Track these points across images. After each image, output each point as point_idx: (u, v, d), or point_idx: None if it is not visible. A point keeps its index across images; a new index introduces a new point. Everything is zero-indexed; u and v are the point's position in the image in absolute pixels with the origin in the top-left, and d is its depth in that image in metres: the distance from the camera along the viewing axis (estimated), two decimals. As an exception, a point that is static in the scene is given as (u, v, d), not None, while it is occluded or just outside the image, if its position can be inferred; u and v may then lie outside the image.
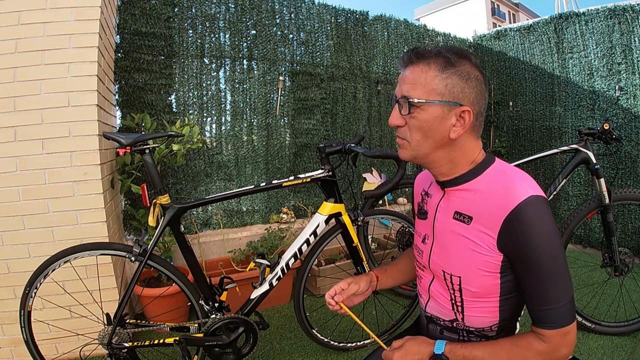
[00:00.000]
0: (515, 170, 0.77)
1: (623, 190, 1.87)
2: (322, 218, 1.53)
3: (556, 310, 0.70)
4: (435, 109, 0.75)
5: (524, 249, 0.70)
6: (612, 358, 1.73)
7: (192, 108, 2.51)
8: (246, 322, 1.45)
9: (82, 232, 1.68)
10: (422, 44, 3.50)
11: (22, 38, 1.58)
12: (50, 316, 1.67)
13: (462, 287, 0.80)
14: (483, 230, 0.74)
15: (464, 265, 0.79)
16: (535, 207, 0.69)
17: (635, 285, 2.20)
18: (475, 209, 0.77)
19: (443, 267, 0.83)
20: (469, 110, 0.75)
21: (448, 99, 0.75)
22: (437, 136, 0.77)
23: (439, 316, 0.89)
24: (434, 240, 0.87)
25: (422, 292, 0.95)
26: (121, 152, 1.37)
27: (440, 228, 0.85)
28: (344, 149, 1.48)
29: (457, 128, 0.76)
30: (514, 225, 0.70)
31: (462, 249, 0.78)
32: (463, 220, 0.79)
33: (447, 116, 0.75)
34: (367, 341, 1.89)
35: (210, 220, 2.61)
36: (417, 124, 0.77)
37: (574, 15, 3.06)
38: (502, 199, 0.72)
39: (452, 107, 0.75)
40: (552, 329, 0.71)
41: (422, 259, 0.91)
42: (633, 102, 2.80)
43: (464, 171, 0.80)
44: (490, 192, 0.75)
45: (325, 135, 2.98)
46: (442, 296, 0.86)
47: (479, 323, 0.82)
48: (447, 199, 0.84)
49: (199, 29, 2.49)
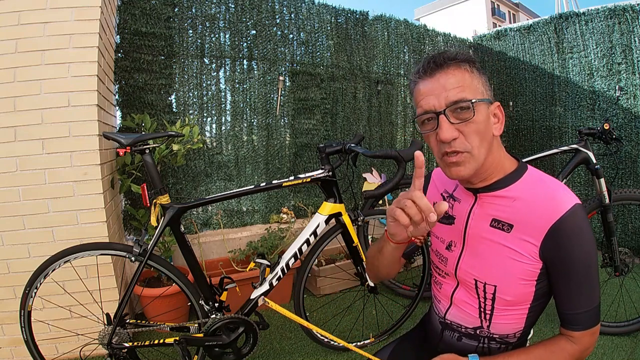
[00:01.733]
0: (552, 178, 0.77)
1: (623, 190, 1.87)
2: (322, 218, 1.53)
3: (588, 313, 0.73)
4: (484, 108, 0.73)
5: (567, 257, 0.70)
6: (612, 358, 1.73)
7: (192, 108, 2.51)
8: (246, 322, 1.45)
9: (82, 232, 1.68)
10: (422, 44, 3.50)
11: (22, 38, 1.58)
12: (50, 316, 1.67)
13: (497, 296, 0.78)
14: (525, 239, 0.73)
15: (502, 274, 0.77)
16: (579, 216, 0.70)
17: (635, 285, 2.20)
18: (516, 217, 0.74)
19: (476, 275, 0.81)
20: (499, 106, 0.75)
21: (487, 96, 0.74)
22: (488, 137, 0.74)
23: (460, 323, 0.87)
24: (464, 248, 0.84)
25: (441, 299, 0.92)
26: (121, 152, 1.37)
27: (473, 236, 0.81)
28: (344, 149, 1.48)
29: (497, 125, 0.75)
30: (559, 234, 0.70)
31: (501, 258, 0.76)
32: (502, 228, 0.76)
33: (489, 114, 0.74)
34: (367, 341, 1.89)
35: (210, 220, 2.61)
36: (475, 128, 0.72)
37: (574, 15, 3.06)
38: (547, 207, 0.71)
39: (488, 105, 0.74)
40: (582, 330, 0.74)
41: (446, 266, 0.88)
42: (633, 102, 2.80)
43: (500, 176, 0.78)
44: (533, 201, 0.73)
45: (325, 135, 2.98)
46: (468, 304, 0.84)
47: (504, 330, 0.82)
48: (480, 205, 0.80)
49: (199, 29, 2.49)
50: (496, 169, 0.78)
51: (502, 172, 0.78)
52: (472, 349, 0.85)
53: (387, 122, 3.34)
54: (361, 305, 2.13)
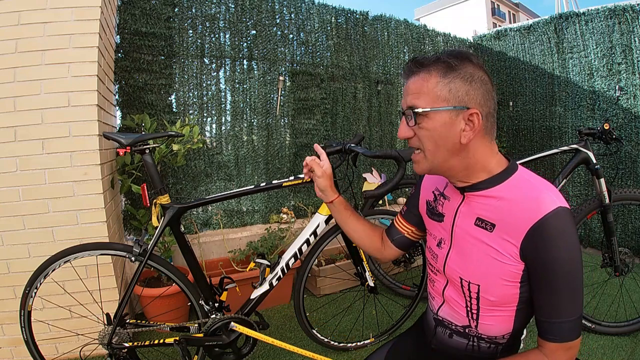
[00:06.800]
0: (541, 179, 0.76)
1: (623, 190, 1.87)
2: (322, 218, 1.53)
3: (566, 324, 0.70)
4: (442, 115, 0.73)
5: (545, 261, 0.69)
6: (612, 358, 1.73)
7: (192, 108, 2.51)
8: (246, 322, 1.45)
9: (82, 232, 1.68)
10: (422, 44, 3.50)
11: (22, 38, 1.58)
12: (50, 316, 1.67)
13: (480, 296, 0.79)
14: (506, 239, 0.73)
15: (484, 274, 0.77)
16: (561, 219, 0.68)
17: (635, 285, 2.20)
18: (499, 216, 0.75)
19: (461, 274, 0.82)
20: (477, 113, 0.73)
21: (454, 104, 0.73)
22: (448, 144, 0.75)
23: (451, 320, 0.88)
24: (451, 245, 0.85)
25: (434, 295, 0.93)
26: (121, 152, 1.37)
27: (459, 233, 0.83)
28: (344, 149, 1.48)
29: (468, 132, 0.74)
30: (538, 235, 0.69)
31: (483, 257, 0.77)
32: (485, 227, 0.77)
33: (455, 122, 0.73)
34: (367, 341, 1.89)
35: (210, 220, 2.61)
36: (426, 133, 0.75)
37: (574, 15, 3.06)
38: (529, 208, 0.70)
39: (459, 112, 0.73)
40: (557, 342, 0.71)
41: (437, 263, 0.89)
42: (633, 102, 2.80)
43: (482, 177, 0.78)
44: (515, 201, 0.73)
45: (325, 135, 2.98)
46: (457, 302, 0.85)
47: (492, 331, 0.81)
48: (467, 203, 0.82)
49: (199, 29, 2.49)
50: (475, 171, 0.78)
51: (486, 173, 0.78)
52: (463, 347, 0.86)
53: (387, 122, 3.34)
54: (361, 305, 2.13)
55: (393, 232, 1.08)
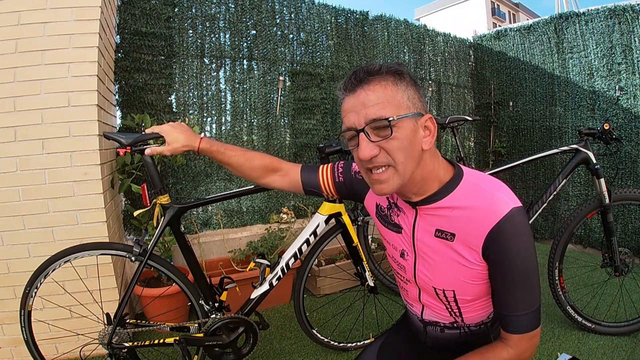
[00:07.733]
0: (490, 181, 0.76)
1: (623, 190, 1.87)
2: (322, 218, 1.53)
3: (526, 316, 0.74)
4: (408, 123, 0.70)
5: (503, 261, 0.72)
6: (612, 358, 1.73)
7: (192, 108, 2.51)
8: (246, 322, 1.45)
9: (82, 232, 1.68)
10: (422, 44, 3.50)
11: (22, 38, 1.58)
12: (50, 316, 1.67)
13: (458, 298, 0.82)
14: (468, 245, 0.75)
15: (455, 280, 0.80)
16: (515, 220, 0.71)
17: (635, 285, 2.20)
18: (456, 225, 0.75)
19: (433, 283, 0.83)
20: (431, 118, 0.74)
21: (413, 110, 0.71)
22: (415, 152, 0.72)
23: (438, 320, 0.90)
24: (416, 258, 0.85)
25: (412, 302, 0.94)
26: (121, 152, 1.37)
27: (422, 247, 0.82)
28: (344, 149, 1.49)
29: (427, 138, 0.73)
30: (496, 239, 0.71)
31: (451, 265, 0.78)
32: (446, 238, 0.77)
33: (417, 128, 0.72)
34: (367, 341, 1.89)
35: (210, 220, 2.61)
36: (397, 144, 0.70)
37: (574, 15, 3.06)
38: (485, 214, 0.72)
39: (417, 119, 0.72)
40: (519, 334, 0.75)
41: (406, 273, 0.89)
42: (633, 102, 2.80)
43: (435, 187, 0.77)
44: (470, 208, 0.74)
45: (325, 135, 2.98)
46: (437, 306, 0.88)
47: (478, 318, 0.86)
48: (422, 217, 0.81)
49: (199, 29, 2.49)
50: (429, 181, 0.77)
51: (437, 183, 0.77)
52: (456, 336, 0.90)
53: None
54: (361, 305, 2.13)
55: (311, 178, 1.05)
